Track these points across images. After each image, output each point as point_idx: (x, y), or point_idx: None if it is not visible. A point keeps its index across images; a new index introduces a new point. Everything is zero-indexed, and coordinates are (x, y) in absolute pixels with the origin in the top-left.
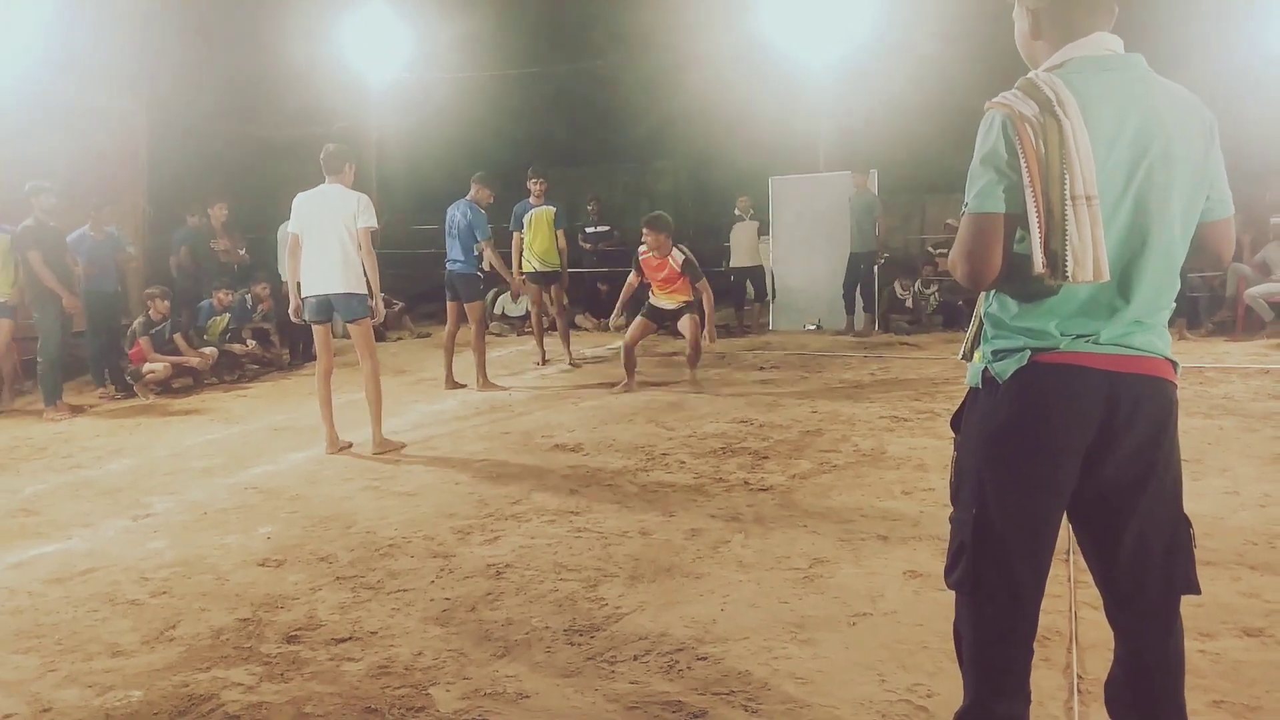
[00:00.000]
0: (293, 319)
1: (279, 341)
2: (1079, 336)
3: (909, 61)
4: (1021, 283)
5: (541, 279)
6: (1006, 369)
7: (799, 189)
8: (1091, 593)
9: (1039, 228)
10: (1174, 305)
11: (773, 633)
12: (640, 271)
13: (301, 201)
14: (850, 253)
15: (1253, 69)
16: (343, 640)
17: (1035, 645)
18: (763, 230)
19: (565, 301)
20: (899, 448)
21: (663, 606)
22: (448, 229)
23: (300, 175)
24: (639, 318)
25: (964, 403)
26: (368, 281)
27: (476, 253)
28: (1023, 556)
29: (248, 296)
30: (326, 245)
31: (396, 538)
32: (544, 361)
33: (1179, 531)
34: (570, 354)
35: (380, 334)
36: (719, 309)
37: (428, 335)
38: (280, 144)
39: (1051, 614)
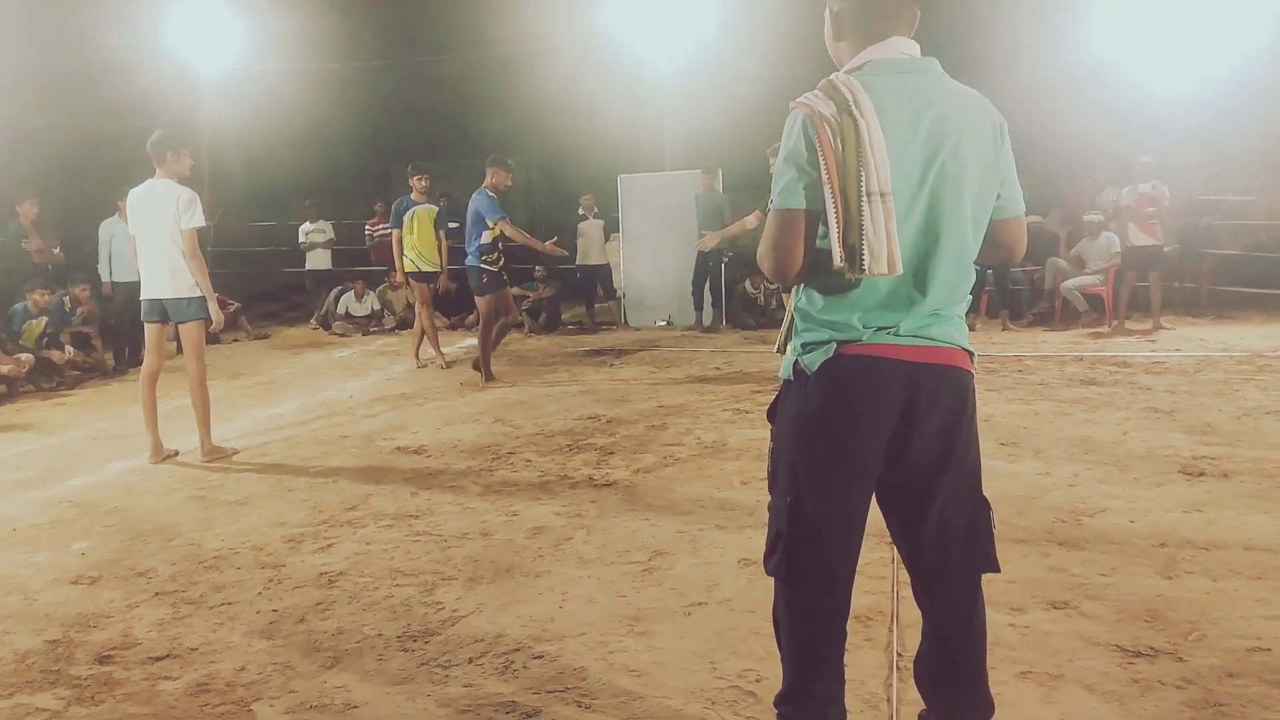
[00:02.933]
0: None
1: (101, 345)
2: (880, 329)
3: (751, 62)
4: (825, 277)
5: (424, 278)
6: (814, 361)
7: (647, 187)
8: None
9: (837, 223)
10: (970, 298)
11: (609, 627)
12: None
13: (132, 200)
14: (699, 251)
15: (1070, 74)
16: (160, 658)
17: (859, 626)
18: (611, 229)
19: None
20: (739, 439)
21: (500, 607)
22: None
23: (124, 170)
24: None
25: (778, 395)
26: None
27: (486, 241)
28: (834, 542)
29: (66, 298)
30: (154, 247)
31: (222, 549)
32: (446, 363)
33: (979, 513)
34: (419, 356)
35: (214, 336)
36: (570, 308)
37: (266, 336)
38: (103, 137)
39: (875, 594)
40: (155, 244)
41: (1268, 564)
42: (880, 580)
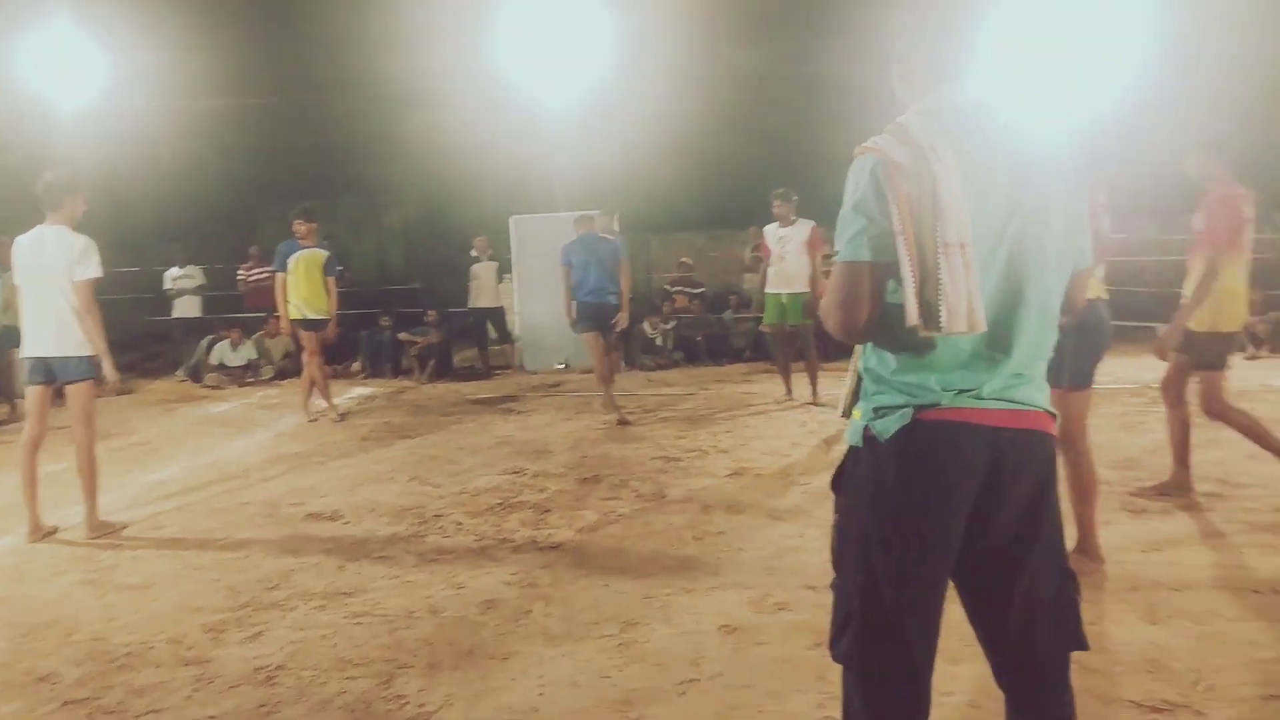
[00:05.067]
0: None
1: None
2: (961, 392)
3: (644, 102)
4: (897, 335)
5: (312, 326)
6: (888, 427)
7: (540, 228)
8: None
9: (912, 277)
10: (1052, 355)
11: (601, 714)
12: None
13: (18, 247)
14: None
15: None
16: None
17: None
18: (504, 270)
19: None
20: (678, 490)
21: (474, 698)
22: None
23: None
24: None
25: (844, 462)
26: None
27: None
28: (914, 624)
29: None
30: (42, 300)
31: (134, 643)
32: (340, 415)
33: (1066, 587)
34: (309, 409)
35: None
36: (460, 351)
37: (129, 391)
38: None
39: None
40: (43, 296)
41: (1243, 604)
42: None
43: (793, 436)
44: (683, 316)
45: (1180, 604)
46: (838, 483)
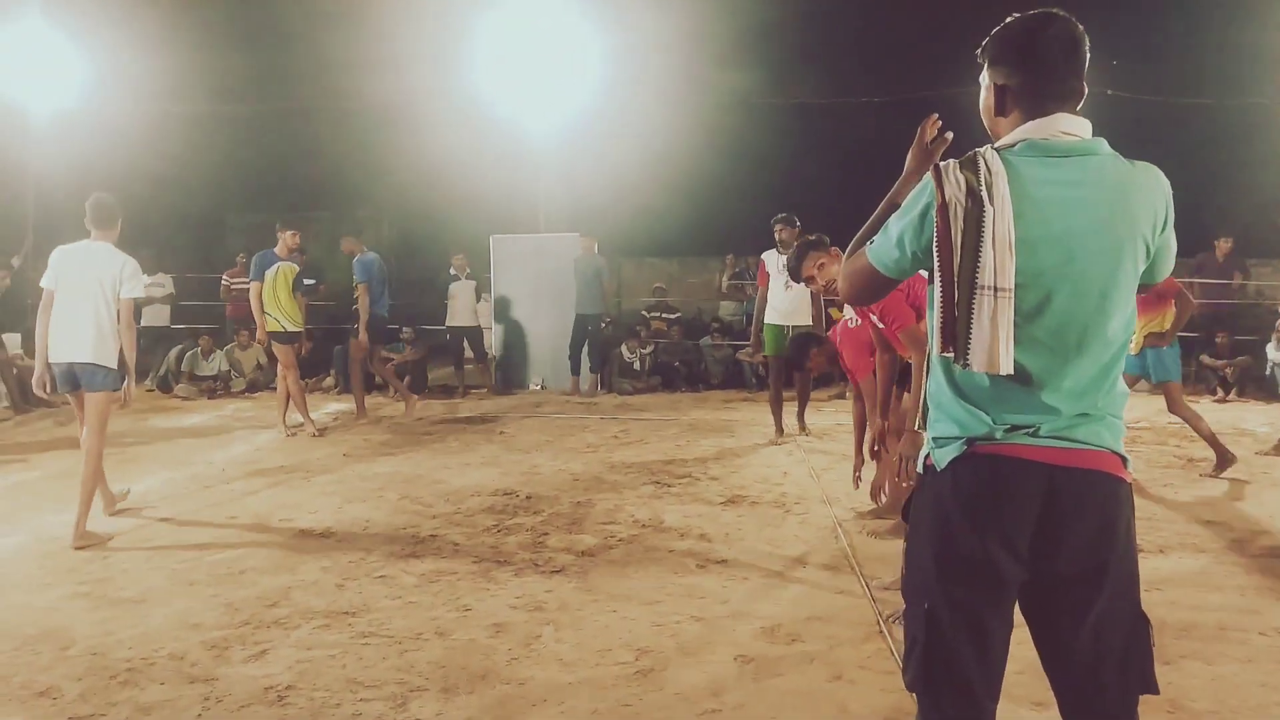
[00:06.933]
0: (36, 391)
1: None
2: (1016, 428)
3: (631, 126)
4: (950, 362)
5: (289, 338)
6: (944, 458)
7: (520, 249)
8: None
9: (940, 311)
10: (1127, 394)
11: None
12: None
13: (62, 256)
14: (576, 314)
15: None
16: None
17: None
18: (481, 289)
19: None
20: (675, 516)
21: None
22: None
23: None
24: None
25: (914, 489)
26: (122, 355)
27: None
28: (972, 654)
29: None
30: (80, 309)
31: (134, 658)
32: (318, 431)
33: (1138, 631)
34: (286, 423)
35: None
36: (434, 369)
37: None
38: None
39: None
40: (79, 305)
41: (1251, 644)
42: None
43: (782, 465)
44: (660, 341)
45: (1188, 646)
46: (906, 510)
